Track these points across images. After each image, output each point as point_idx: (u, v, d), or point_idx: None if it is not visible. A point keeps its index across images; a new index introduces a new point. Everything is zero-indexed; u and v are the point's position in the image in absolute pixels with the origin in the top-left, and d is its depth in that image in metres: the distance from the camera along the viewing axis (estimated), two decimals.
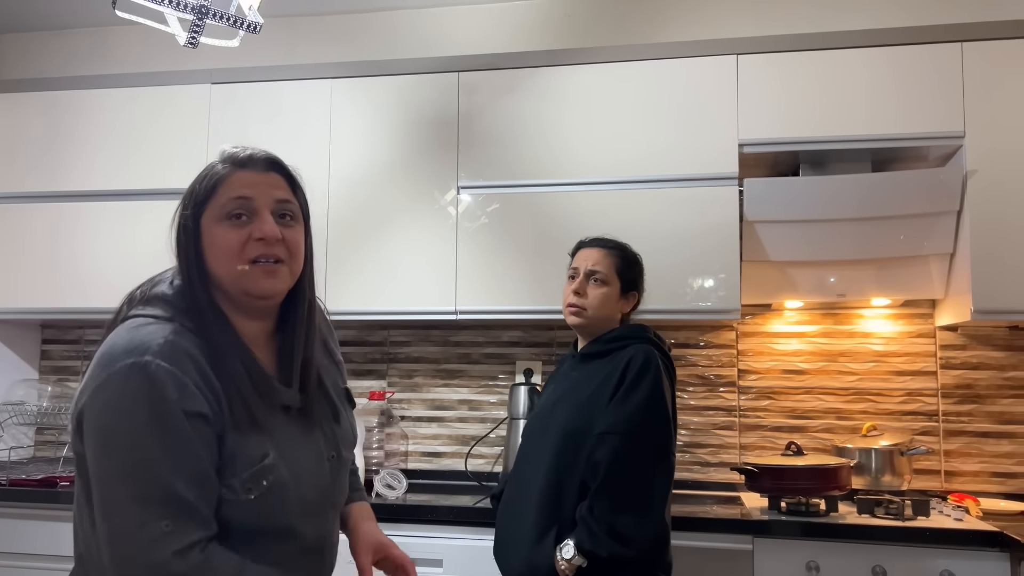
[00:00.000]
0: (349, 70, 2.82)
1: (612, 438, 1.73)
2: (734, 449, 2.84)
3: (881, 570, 2.13)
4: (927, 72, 2.50)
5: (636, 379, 1.78)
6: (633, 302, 2.01)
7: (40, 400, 3.14)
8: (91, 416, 1.05)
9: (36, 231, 2.98)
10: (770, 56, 2.58)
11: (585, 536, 1.70)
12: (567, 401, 1.88)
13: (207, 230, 1.15)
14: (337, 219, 2.78)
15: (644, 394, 1.77)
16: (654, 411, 1.77)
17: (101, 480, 1.04)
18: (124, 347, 1.07)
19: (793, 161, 2.70)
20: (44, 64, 3.00)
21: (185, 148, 2.90)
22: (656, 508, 1.74)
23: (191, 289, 1.15)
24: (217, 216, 1.16)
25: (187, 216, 1.16)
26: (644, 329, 1.94)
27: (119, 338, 1.09)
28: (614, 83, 2.67)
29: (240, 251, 1.15)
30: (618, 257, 1.99)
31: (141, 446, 1.03)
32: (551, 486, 1.80)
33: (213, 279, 1.16)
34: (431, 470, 3.02)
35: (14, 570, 2.57)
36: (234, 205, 1.16)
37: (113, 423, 1.04)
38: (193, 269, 1.15)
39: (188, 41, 1.80)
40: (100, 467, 1.04)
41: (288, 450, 1.15)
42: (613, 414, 1.76)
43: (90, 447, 1.05)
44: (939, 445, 2.72)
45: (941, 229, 2.49)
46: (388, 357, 3.11)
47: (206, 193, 1.16)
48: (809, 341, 2.84)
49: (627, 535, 1.69)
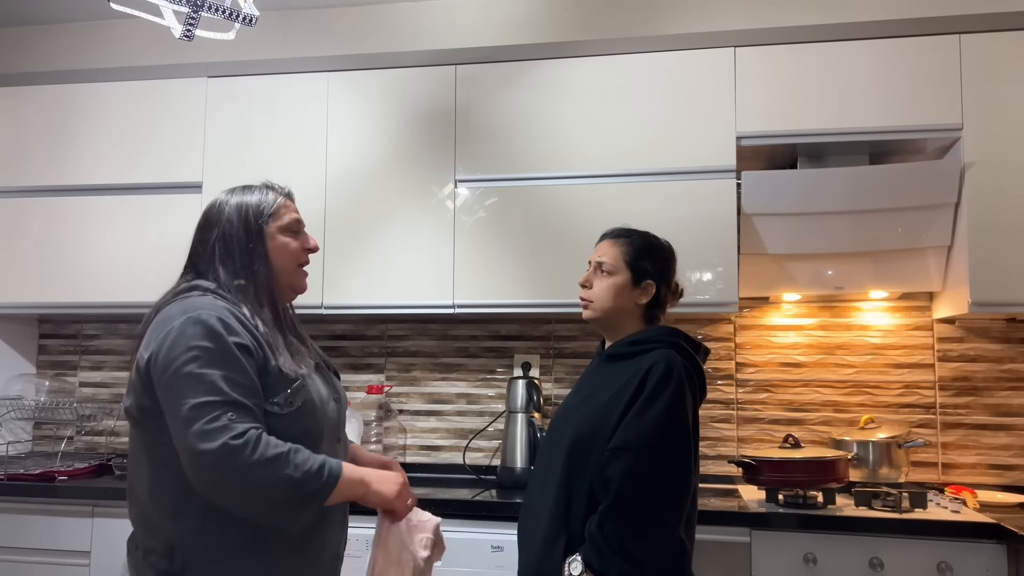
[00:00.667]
0: (346, 63, 2.82)
1: (626, 454, 1.62)
2: (732, 442, 2.84)
3: (878, 562, 2.14)
4: (925, 64, 2.49)
5: (655, 391, 1.65)
6: (648, 293, 1.84)
7: (37, 395, 3.14)
8: (159, 358, 1.37)
9: (33, 225, 2.97)
10: (768, 48, 2.58)
11: (594, 555, 1.62)
12: (585, 405, 1.79)
13: (272, 236, 1.55)
14: (335, 213, 2.78)
15: (662, 407, 1.64)
16: (672, 427, 1.64)
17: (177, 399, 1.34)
18: (178, 311, 1.42)
19: (791, 154, 2.70)
20: (40, 58, 2.99)
21: (182, 142, 2.89)
22: (670, 527, 1.63)
23: (251, 276, 1.51)
24: (282, 229, 1.56)
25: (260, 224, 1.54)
26: (673, 333, 1.79)
27: (171, 308, 1.44)
28: (612, 75, 2.66)
29: (299, 255, 1.59)
30: (627, 246, 1.86)
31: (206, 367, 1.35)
32: (561, 495, 1.72)
33: (273, 271, 1.54)
34: (429, 463, 3.02)
35: (13, 564, 2.57)
36: (294, 223, 1.59)
37: (181, 356, 1.36)
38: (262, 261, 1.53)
39: (184, 34, 1.80)
40: (175, 390, 1.34)
41: (312, 382, 1.51)
42: (628, 428, 1.65)
43: (163, 380, 1.36)
44: (936, 437, 2.72)
45: (939, 222, 2.49)
46: (386, 351, 3.11)
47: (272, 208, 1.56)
48: (807, 334, 2.84)
49: (638, 556, 1.60)
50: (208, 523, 1.38)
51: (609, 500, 1.62)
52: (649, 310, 1.86)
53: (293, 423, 1.44)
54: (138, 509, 1.44)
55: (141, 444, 1.44)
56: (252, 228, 1.53)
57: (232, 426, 1.32)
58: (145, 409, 1.41)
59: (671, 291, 1.89)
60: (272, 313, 1.53)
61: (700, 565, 2.21)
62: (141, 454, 1.43)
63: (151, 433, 1.41)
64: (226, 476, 1.31)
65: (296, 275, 1.59)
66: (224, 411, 1.33)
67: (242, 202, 1.54)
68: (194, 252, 1.55)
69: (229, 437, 1.30)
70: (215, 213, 1.54)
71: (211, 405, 1.33)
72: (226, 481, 1.31)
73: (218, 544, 1.38)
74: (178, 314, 1.41)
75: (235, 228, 1.52)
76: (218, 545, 1.38)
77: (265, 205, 1.55)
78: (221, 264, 1.51)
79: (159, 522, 1.40)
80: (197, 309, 1.41)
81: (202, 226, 1.55)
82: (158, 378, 1.37)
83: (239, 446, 1.30)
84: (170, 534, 1.38)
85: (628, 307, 1.84)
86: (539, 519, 1.76)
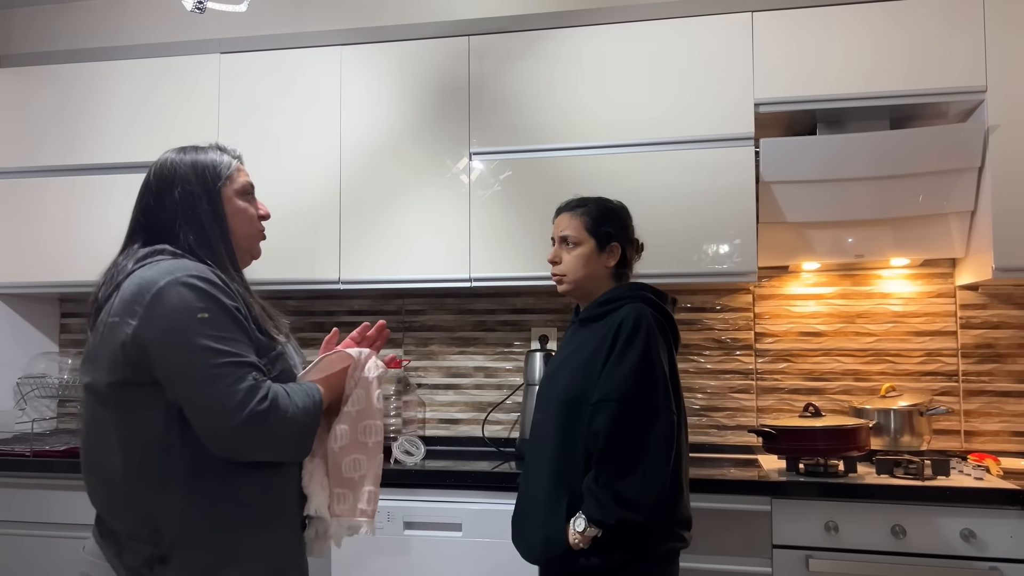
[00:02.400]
0: (359, 36, 2.79)
1: (608, 405, 1.71)
2: (751, 412, 2.83)
3: (900, 529, 2.13)
4: (947, 25, 2.44)
5: (627, 342, 1.74)
6: (616, 255, 1.92)
7: (61, 373, 3.17)
8: (154, 328, 1.31)
9: (51, 205, 2.99)
10: (785, 12, 2.53)
11: (594, 506, 1.70)
12: (565, 369, 1.87)
13: (229, 199, 1.48)
14: (350, 188, 2.77)
15: (635, 356, 1.73)
16: (646, 373, 1.73)
17: (189, 366, 1.30)
18: (155, 275, 1.34)
19: (810, 120, 2.66)
20: (54, 37, 2.99)
21: (196, 119, 2.89)
22: (658, 469, 1.71)
23: (218, 238, 1.45)
24: (238, 192, 1.50)
25: (217, 187, 1.47)
26: (640, 287, 1.88)
27: (146, 273, 1.35)
28: (627, 44, 2.62)
29: (256, 221, 1.54)
30: (585, 215, 1.93)
31: (215, 328, 1.32)
32: (558, 457, 1.79)
33: (233, 236, 1.49)
34: (448, 436, 3.03)
35: (39, 539, 2.62)
36: (248, 186, 1.53)
37: (182, 320, 1.31)
38: (222, 225, 1.47)
39: (195, 6, 1.79)
40: (185, 356, 1.30)
41: (287, 348, 1.50)
42: (607, 380, 1.74)
43: (163, 351, 1.31)
44: (959, 405, 2.70)
45: (962, 186, 2.45)
46: (404, 326, 3.12)
47: (229, 171, 1.49)
48: (827, 303, 2.82)
49: (632, 499, 1.68)
50: (194, 497, 1.35)
51: (599, 450, 1.71)
52: (617, 269, 1.94)
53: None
54: (110, 491, 1.38)
55: (111, 423, 1.36)
56: (211, 190, 1.46)
57: (258, 386, 1.33)
58: (126, 384, 1.34)
59: (634, 249, 1.98)
60: (240, 278, 1.49)
61: (721, 534, 2.22)
62: (109, 433, 1.36)
63: (128, 409, 1.35)
64: (257, 438, 1.33)
65: (254, 240, 1.55)
66: (247, 371, 1.33)
67: (197, 160, 1.47)
68: (147, 215, 1.46)
69: (258, 399, 1.31)
70: (168, 172, 1.46)
71: (234, 367, 1.32)
72: (257, 442, 1.33)
73: (205, 517, 1.35)
74: (158, 278, 1.33)
75: (194, 188, 1.45)
76: (205, 518, 1.35)
77: (221, 166, 1.49)
78: (185, 226, 1.43)
79: (137, 501, 1.35)
80: (177, 271, 1.34)
81: (155, 187, 1.46)
82: (160, 349, 1.31)
83: (265, 408, 1.32)
84: (153, 513, 1.34)
85: (599, 272, 1.93)
86: (540, 486, 1.82)
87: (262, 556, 1.40)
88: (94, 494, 1.41)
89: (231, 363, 1.32)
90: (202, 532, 1.35)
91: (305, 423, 1.39)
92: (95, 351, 1.38)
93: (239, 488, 1.37)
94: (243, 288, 1.46)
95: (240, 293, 1.42)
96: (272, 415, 1.33)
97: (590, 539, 1.72)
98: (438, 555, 2.36)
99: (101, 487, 1.40)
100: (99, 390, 1.36)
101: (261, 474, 1.39)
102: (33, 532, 2.62)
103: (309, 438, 1.42)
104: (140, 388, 1.34)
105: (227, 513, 1.36)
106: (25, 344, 3.20)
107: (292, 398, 1.38)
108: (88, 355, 1.40)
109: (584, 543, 1.72)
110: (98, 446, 1.39)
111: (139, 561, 1.35)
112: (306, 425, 1.39)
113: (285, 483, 1.44)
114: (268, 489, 1.41)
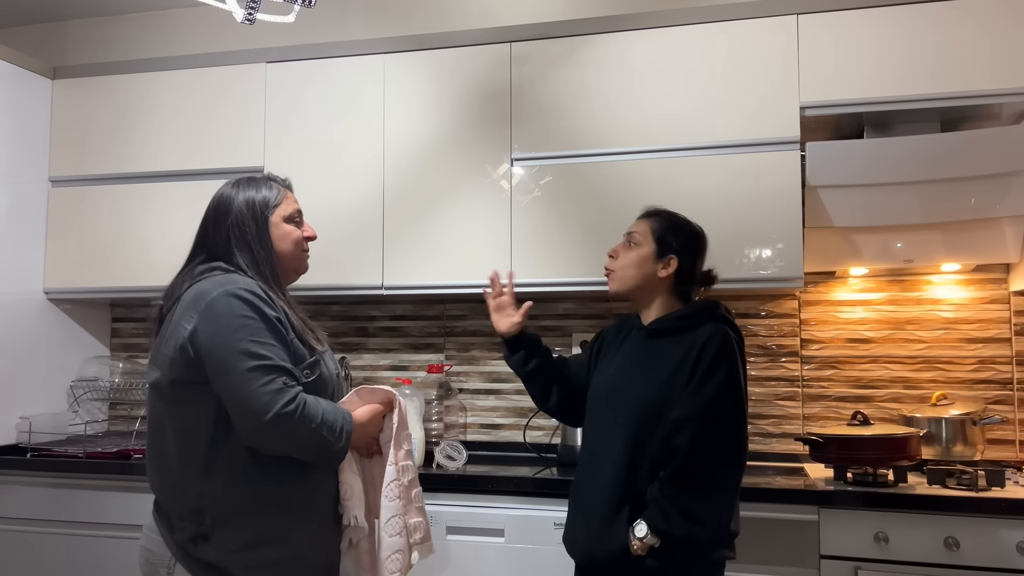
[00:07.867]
0: (401, 44, 2.82)
1: (691, 425, 1.72)
2: (797, 420, 2.79)
3: (954, 541, 2.08)
4: (999, 23, 2.38)
5: (713, 364, 1.75)
6: (671, 267, 1.90)
7: (112, 376, 3.25)
8: (205, 330, 1.51)
9: (104, 213, 3.06)
10: (832, 15, 2.50)
11: (659, 516, 1.71)
12: (642, 379, 1.84)
13: (277, 224, 1.71)
14: (392, 194, 2.80)
15: (721, 379, 1.75)
16: (731, 397, 1.75)
17: (229, 365, 1.49)
18: (211, 286, 1.56)
19: (857, 123, 2.62)
20: (107, 49, 3.08)
21: (243, 127, 2.94)
22: (730, 493, 1.76)
23: (263, 260, 1.67)
24: (286, 218, 1.73)
25: (266, 215, 1.71)
26: (716, 305, 1.88)
27: (203, 285, 1.57)
28: (670, 48, 2.61)
29: (301, 242, 1.76)
30: (656, 221, 1.94)
31: (255, 335, 1.52)
32: (627, 463, 1.79)
33: (278, 255, 1.70)
34: (490, 442, 3.04)
35: (91, 539, 2.67)
36: (296, 213, 1.76)
37: (231, 326, 1.51)
38: (267, 248, 1.68)
39: (245, 18, 1.82)
40: (227, 356, 1.50)
41: (324, 357, 1.68)
42: (691, 400, 1.75)
43: (211, 350, 1.51)
44: (1014, 414, 2.63)
45: (1015, 190, 2.38)
46: (445, 331, 3.13)
47: (277, 201, 1.72)
48: (875, 309, 2.76)
49: (702, 517, 1.71)
50: (234, 480, 1.54)
51: (676, 466, 1.73)
52: (679, 286, 1.92)
53: (311, 391, 1.60)
54: (166, 476, 1.60)
55: (168, 416, 1.58)
56: (259, 218, 1.69)
57: (286, 390, 1.51)
58: (183, 382, 1.55)
59: (699, 274, 1.95)
60: (283, 293, 1.69)
61: (767, 543, 2.19)
62: (167, 426, 1.58)
63: (183, 403, 1.56)
64: (281, 436, 1.51)
65: (300, 258, 1.77)
66: (278, 375, 1.51)
67: (248, 196, 1.70)
68: (205, 239, 1.70)
69: (284, 402, 1.49)
70: (224, 205, 1.70)
71: (266, 371, 1.50)
72: (281, 440, 1.52)
73: (243, 501, 1.54)
74: (212, 289, 1.55)
75: (245, 218, 1.68)
76: (243, 502, 1.54)
77: (270, 198, 1.72)
78: (237, 249, 1.66)
79: (187, 486, 1.56)
80: (229, 284, 1.56)
81: (213, 216, 1.71)
82: (208, 349, 1.51)
83: (291, 411, 1.50)
84: (199, 493, 1.54)
85: (651, 280, 1.91)
86: (601, 490, 1.82)
87: (293, 540, 1.57)
88: (153, 480, 1.63)
89: (264, 366, 1.50)
90: (240, 513, 1.54)
91: (328, 439, 1.56)
92: (159, 353, 1.59)
93: (273, 476, 1.55)
94: (285, 302, 1.66)
95: (282, 306, 1.62)
96: (297, 420, 1.50)
97: (648, 547, 1.73)
98: (479, 560, 2.36)
99: (159, 474, 1.61)
100: (161, 387, 1.58)
101: (295, 466, 1.57)
102: (85, 532, 2.68)
103: (329, 451, 1.58)
104: (194, 386, 1.54)
105: (262, 498, 1.55)
106: (78, 348, 3.28)
107: (323, 414, 1.55)
108: (153, 358, 1.62)
109: (642, 550, 1.73)
110: (158, 438, 1.60)
111: (185, 538, 1.55)
112: (328, 440, 1.56)
113: (318, 479, 1.62)
114: (301, 481, 1.58)
